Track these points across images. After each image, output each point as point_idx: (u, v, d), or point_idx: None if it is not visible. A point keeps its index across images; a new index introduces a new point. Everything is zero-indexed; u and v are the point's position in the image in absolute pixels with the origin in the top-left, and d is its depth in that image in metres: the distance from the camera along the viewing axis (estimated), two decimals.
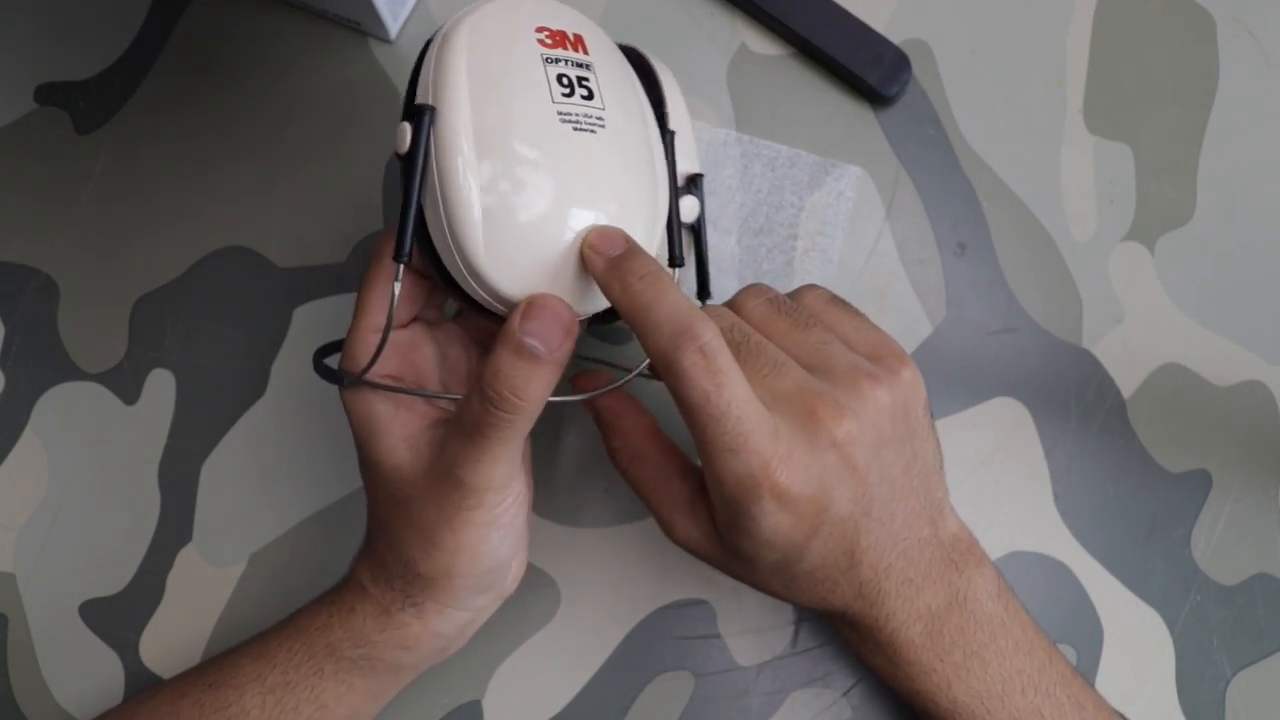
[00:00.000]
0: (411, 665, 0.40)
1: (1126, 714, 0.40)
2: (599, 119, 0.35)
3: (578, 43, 0.36)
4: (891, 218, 0.49)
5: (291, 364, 0.48)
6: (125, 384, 0.48)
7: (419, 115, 0.33)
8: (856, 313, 0.39)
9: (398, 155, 0.34)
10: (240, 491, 0.47)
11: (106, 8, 0.52)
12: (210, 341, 0.49)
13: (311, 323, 0.49)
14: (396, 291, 0.34)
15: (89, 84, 0.51)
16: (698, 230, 0.39)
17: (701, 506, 0.37)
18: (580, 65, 0.35)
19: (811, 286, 0.39)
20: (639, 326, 0.33)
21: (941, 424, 0.47)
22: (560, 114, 0.34)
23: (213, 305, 0.49)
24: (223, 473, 0.47)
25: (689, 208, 0.38)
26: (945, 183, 0.49)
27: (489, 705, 0.45)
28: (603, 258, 0.33)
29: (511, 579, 0.40)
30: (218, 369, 0.48)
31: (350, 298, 0.48)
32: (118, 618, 0.46)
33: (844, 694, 0.45)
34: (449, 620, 0.38)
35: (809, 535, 0.34)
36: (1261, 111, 0.50)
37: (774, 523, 0.33)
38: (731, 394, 0.32)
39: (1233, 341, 0.48)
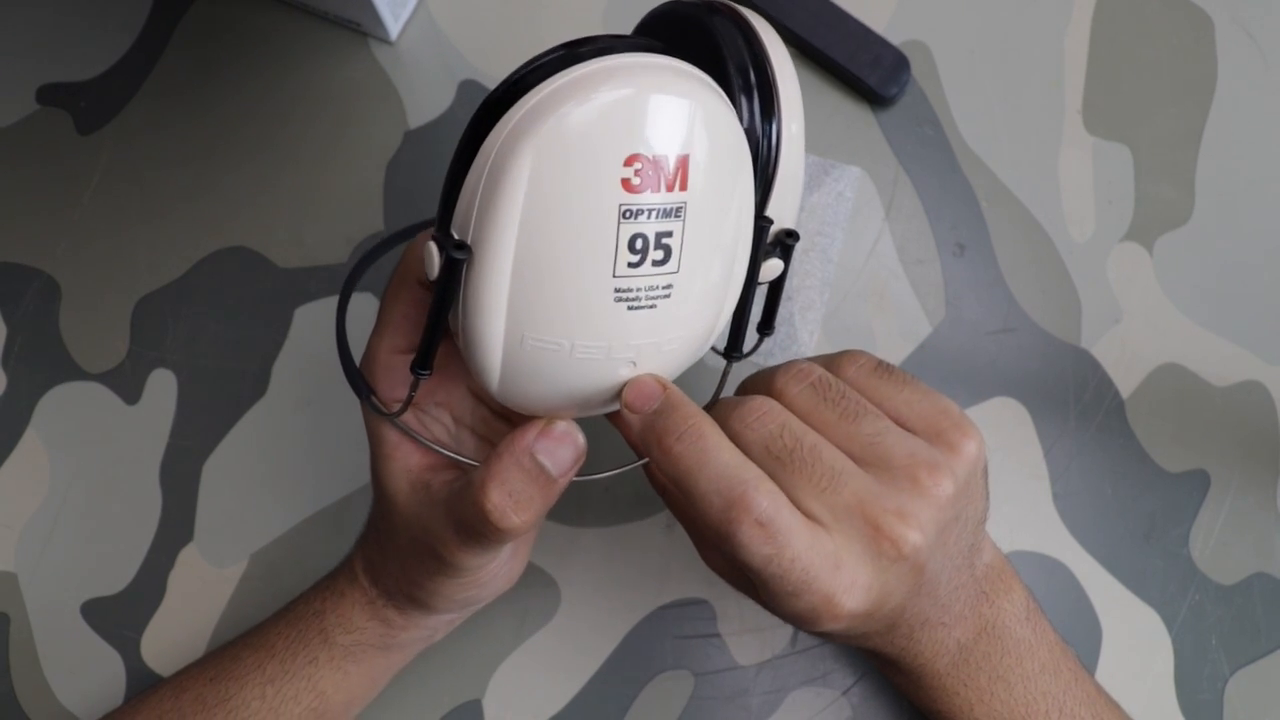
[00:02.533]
0: (400, 649, 0.40)
1: (1126, 713, 0.40)
2: (665, 289, 0.30)
3: (679, 173, 0.28)
4: (891, 218, 0.49)
5: (292, 364, 0.48)
6: (126, 384, 0.48)
7: (453, 260, 0.29)
8: (904, 380, 0.35)
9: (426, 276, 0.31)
10: (241, 491, 0.47)
11: (108, 9, 0.52)
12: (211, 341, 0.49)
13: (312, 323, 0.49)
14: (413, 395, 0.33)
15: (91, 85, 0.52)
16: (777, 285, 0.35)
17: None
18: (667, 214, 0.29)
19: (852, 356, 0.36)
20: (685, 494, 0.31)
21: None
22: (617, 291, 0.29)
23: (214, 305, 0.49)
24: (224, 472, 0.48)
25: (770, 269, 0.34)
26: (944, 183, 0.49)
27: (489, 705, 0.45)
28: (638, 417, 0.32)
29: (505, 580, 0.40)
30: (219, 369, 0.48)
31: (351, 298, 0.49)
32: (119, 617, 0.46)
33: (844, 693, 0.45)
34: (434, 621, 0.39)
35: (861, 625, 0.34)
36: (1260, 112, 0.50)
37: (831, 629, 0.33)
38: (794, 551, 0.30)
39: (1231, 342, 0.48)
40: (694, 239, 0.29)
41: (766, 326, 0.37)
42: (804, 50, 0.50)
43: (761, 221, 0.32)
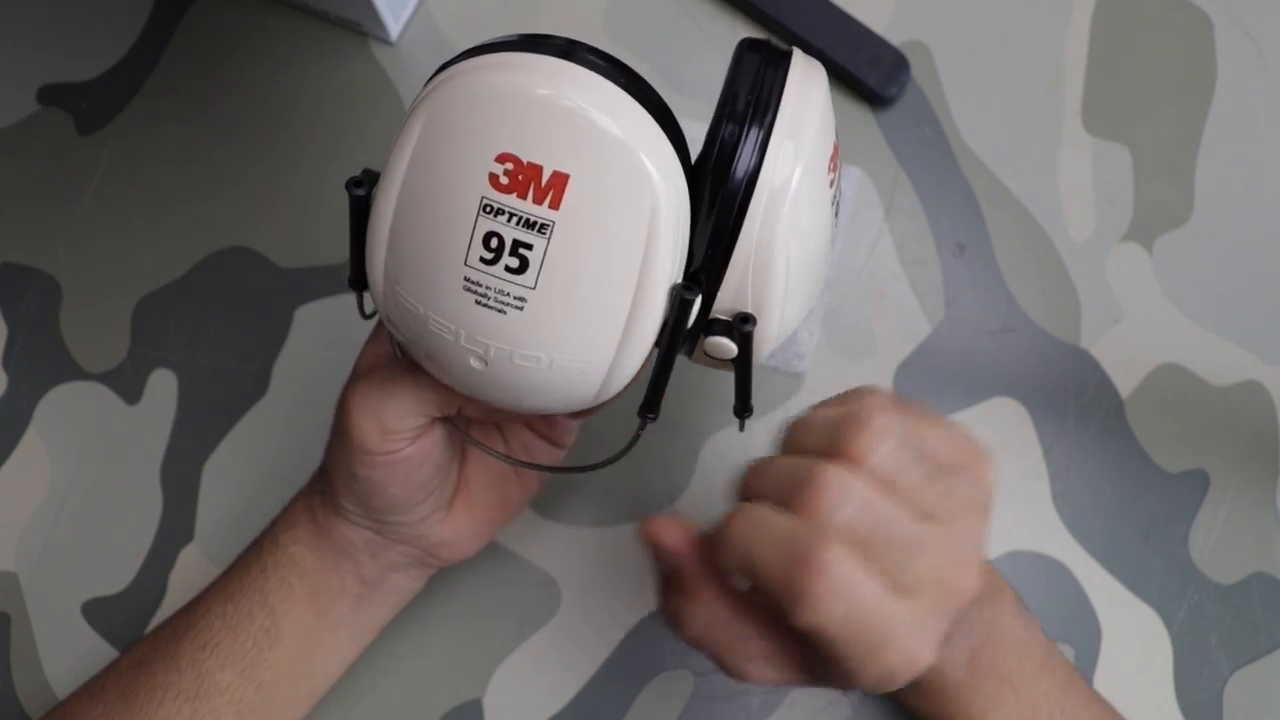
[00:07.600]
0: (331, 569, 0.40)
1: (1125, 712, 0.40)
2: (518, 300, 0.29)
3: (553, 188, 0.28)
4: (890, 218, 0.49)
5: (293, 364, 0.48)
6: (127, 384, 0.48)
7: (365, 184, 0.31)
8: (929, 416, 0.33)
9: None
10: (242, 491, 0.47)
11: (109, 9, 0.52)
12: (212, 342, 0.49)
13: (313, 323, 0.49)
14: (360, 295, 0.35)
15: (91, 85, 0.52)
16: (744, 365, 0.33)
17: (781, 658, 0.33)
18: (530, 225, 0.28)
19: (864, 393, 0.33)
20: (745, 570, 0.30)
21: None
22: (466, 281, 0.29)
23: (214, 305, 0.49)
24: (224, 472, 0.48)
25: (719, 348, 0.32)
26: (944, 183, 0.50)
27: (489, 704, 0.45)
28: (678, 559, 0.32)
29: (445, 548, 0.40)
30: (219, 369, 0.49)
31: (351, 296, 0.49)
32: (120, 616, 0.46)
33: (843, 692, 0.45)
34: (351, 528, 0.39)
35: None
36: (1259, 112, 0.50)
37: (901, 685, 0.31)
38: (868, 606, 0.29)
39: (1230, 342, 0.48)
40: (561, 266, 0.29)
41: (741, 408, 0.35)
42: (803, 50, 0.50)
43: (686, 294, 0.30)
